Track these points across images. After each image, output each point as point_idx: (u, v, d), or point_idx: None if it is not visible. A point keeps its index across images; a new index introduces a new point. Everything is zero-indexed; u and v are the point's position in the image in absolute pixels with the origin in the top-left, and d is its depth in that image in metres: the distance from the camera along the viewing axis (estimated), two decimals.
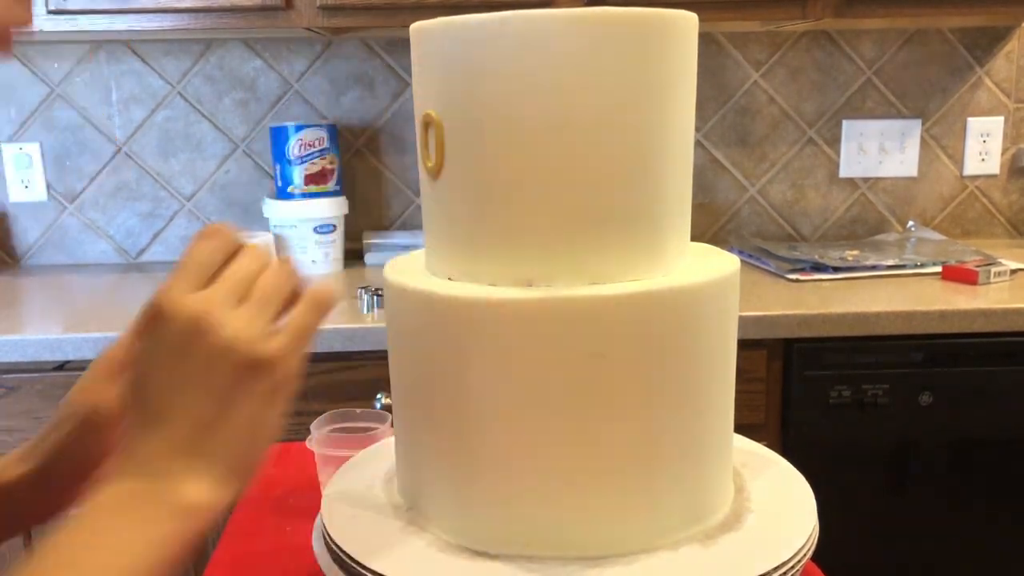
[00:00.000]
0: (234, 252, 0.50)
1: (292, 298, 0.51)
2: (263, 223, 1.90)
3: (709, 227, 2.04)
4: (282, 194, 1.84)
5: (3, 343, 1.39)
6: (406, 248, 1.86)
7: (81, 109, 1.93)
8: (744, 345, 1.46)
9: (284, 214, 1.81)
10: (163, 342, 0.47)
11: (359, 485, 0.73)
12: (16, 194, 1.95)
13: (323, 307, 0.51)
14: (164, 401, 0.47)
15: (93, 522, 0.45)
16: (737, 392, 0.69)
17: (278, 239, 1.81)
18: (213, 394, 0.47)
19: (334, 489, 0.73)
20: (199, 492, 0.47)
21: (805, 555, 0.61)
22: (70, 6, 1.57)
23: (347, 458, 0.81)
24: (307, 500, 0.95)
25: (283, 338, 0.49)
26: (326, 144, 1.82)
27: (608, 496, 0.60)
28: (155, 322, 0.48)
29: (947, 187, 2.05)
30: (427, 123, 0.62)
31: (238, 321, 0.47)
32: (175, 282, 0.48)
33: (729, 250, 0.88)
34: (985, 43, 2.00)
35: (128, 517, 0.45)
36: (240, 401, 0.47)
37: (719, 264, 0.65)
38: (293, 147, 1.80)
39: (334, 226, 1.83)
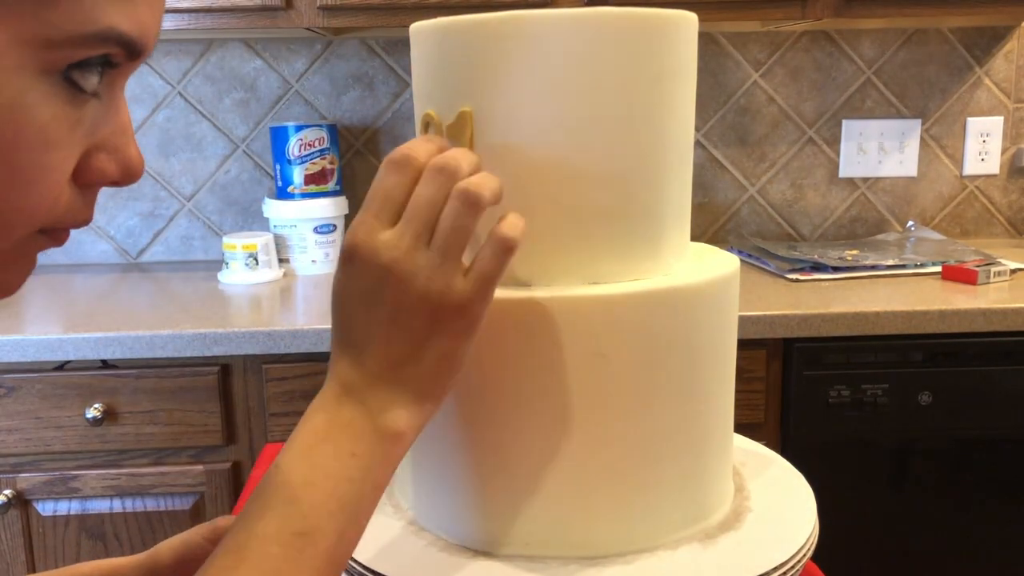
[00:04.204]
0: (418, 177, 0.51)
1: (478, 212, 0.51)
2: (263, 223, 1.90)
3: (709, 227, 2.04)
4: (282, 194, 1.84)
5: (3, 343, 1.39)
6: None
7: None
8: (744, 345, 1.46)
9: (284, 214, 1.81)
10: (358, 283, 0.51)
11: None
12: None
13: (507, 250, 0.51)
14: (363, 335, 0.51)
15: (311, 455, 0.48)
16: (737, 392, 0.69)
17: (278, 238, 1.81)
18: (406, 332, 0.50)
19: None
20: (398, 419, 0.50)
21: (805, 555, 0.61)
22: None
23: None
24: None
25: (470, 284, 0.50)
26: (326, 144, 1.82)
27: (608, 496, 0.60)
28: (350, 260, 0.51)
29: (947, 187, 2.05)
30: (427, 123, 0.62)
31: (427, 270, 0.50)
32: (364, 217, 0.51)
33: (729, 250, 0.88)
34: (985, 43, 2.00)
35: (341, 448, 0.49)
36: (432, 337, 0.50)
37: (719, 264, 0.65)
38: (293, 147, 1.80)
39: (334, 226, 1.83)
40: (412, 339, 0.50)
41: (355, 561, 0.61)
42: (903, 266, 1.70)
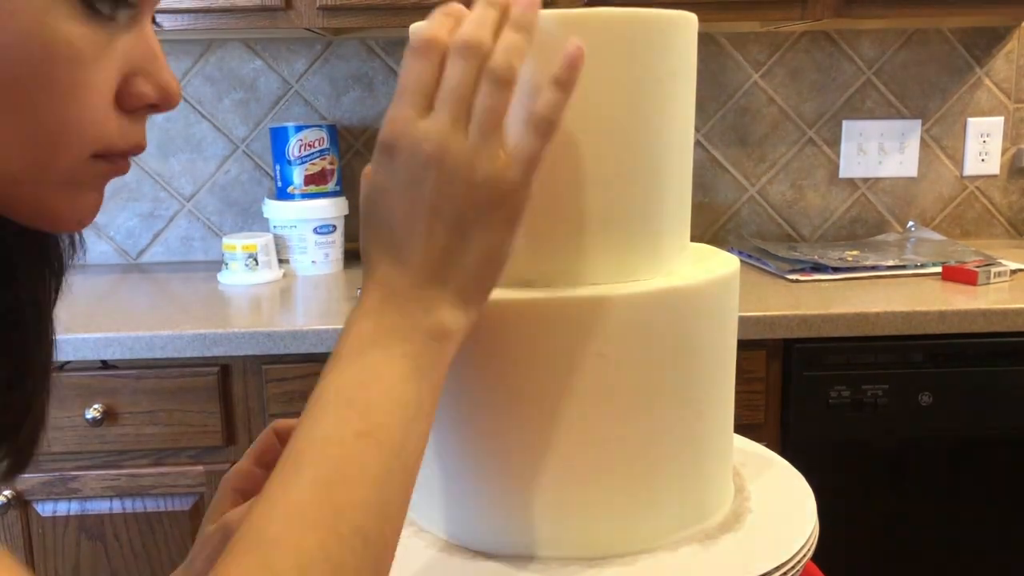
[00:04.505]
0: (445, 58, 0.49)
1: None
2: (263, 223, 1.90)
3: (709, 227, 2.04)
4: (282, 194, 1.84)
5: None
6: None
7: None
8: (744, 345, 1.46)
9: (284, 214, 1.81)
10: (397, 174, 0.49)
11: None
12: None
13: (548, 129, 0.49)
14: (404, 232, 0.49)
15: (361, 359, 0.47)
16: (737, 392, 0.69)
17: (278, 239, 1.81)
18: (449, 223, 0.48)
19: None
20: (448, 317, 0.49)
21: (805, 555, 0.61)
22: None
23: None
24: None
25: (513, 166, 0.49)
26: (326, 144, 1.82)
27: (608, 496, 0.60)
28: (388, 155, 0.49)
29: (947, 187, 2.05)
30: None
31: (468, 153, 0.48)
32: (399, 110, 0.49)
33: (729, 250, 0.88)
34: (985, 43, 2.00)
35: (391, 351, 0.47)
36: (475, 229, 0.48)
37: (719, 264, 0.65)
38: (293, 147, 1.80)
39: (334, 226, 1.83)
40: (456, 230, 0.48)
41: None
42: (903, 267, 1.70)
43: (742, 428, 0.74)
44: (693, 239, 0.69)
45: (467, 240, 0.48)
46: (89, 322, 1.46)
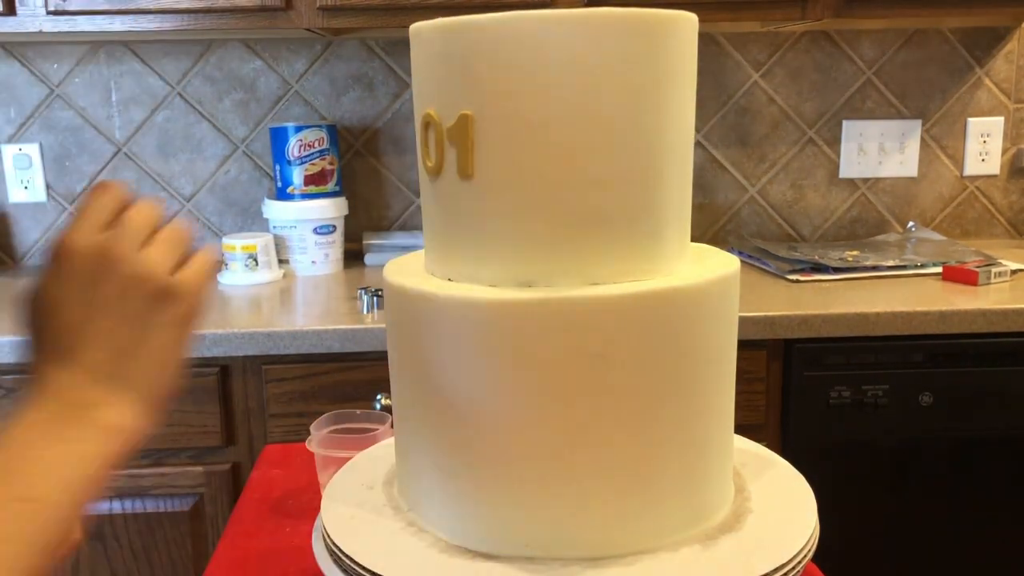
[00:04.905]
0: (127, 206, 0.53)
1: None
2: (263, 224, 1.90)
3: (709, 227, 2.04)
4: (282, 195, 1.84)
5: (3, 343, 1.39)
6: (406, 249, 1.86)
7: (81, 110, 1.93)
8: (744, 345, 1.46)
9: (284, 215, 1.81)
10: (72, 277, 0.50)
11: (359, 486, 0.73)
12: (16, 195, 1.95)
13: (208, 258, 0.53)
14: (78, 332, 0.50)
15: (20, 441, 0.47)
16: (737, 392, 0.69)
17: (278, 239, 1.81)
18: (128, 321, 0.50)
19: (334, 490, 0.73)
20: (120, 415, 0.50)
21: (805, 556, 0.61)
22: (69, 7, 1.57)
23: (347, 459, 0.81)
24: (307, 501, 0.95)
25: (189, 269, 0.52)
26: (326, 144, 1.82)
27: (608, 496, 0.60)
28: (62, 259, 0.50)
29: (947, 187, 2.05)
30: (427, 123, 0.62)
31: (146, 254, 0.51)
32: (77, 224, 0.51)
33: (729, 250, 0.88)
34: (985, 43, 2.00)
35: (54, 437, 0.47)
36: (153, 328, 0.50)
37: (719, 264, 0.65)
38: (293, 147, 1.80)
39: (334, 227, 1.83)
40: (133, 325, 0.50)
41: (355, 562, 0.61)
42: (904, 267, 1.70)
43: (742, 428, 0.74)
44: (693, 239, 0.69)
45: (144, 339, 0.50)
46: None
